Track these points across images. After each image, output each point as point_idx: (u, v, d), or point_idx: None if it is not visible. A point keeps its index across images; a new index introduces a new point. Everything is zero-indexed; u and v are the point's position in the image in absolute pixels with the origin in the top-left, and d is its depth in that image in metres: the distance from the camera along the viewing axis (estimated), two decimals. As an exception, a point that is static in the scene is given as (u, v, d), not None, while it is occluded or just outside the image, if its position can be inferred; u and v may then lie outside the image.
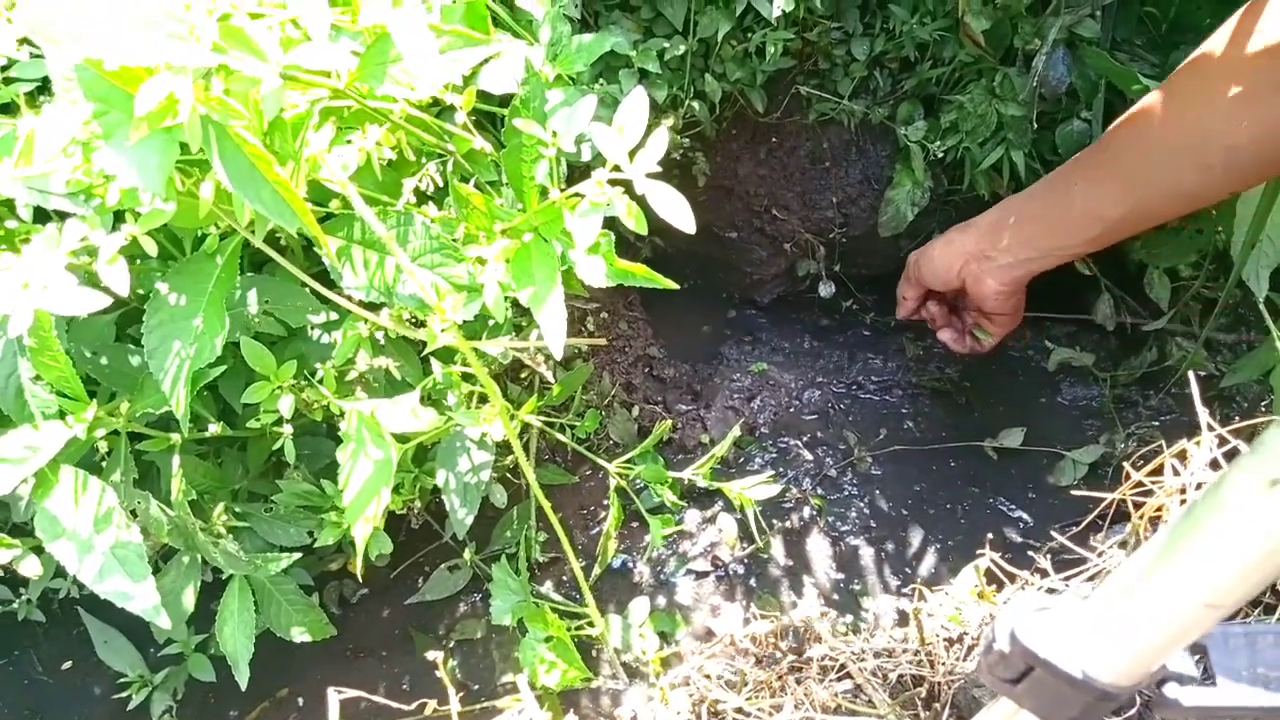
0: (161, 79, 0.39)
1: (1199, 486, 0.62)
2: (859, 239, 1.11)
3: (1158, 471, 0.65)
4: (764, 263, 1.16)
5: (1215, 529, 0.26)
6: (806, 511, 0.97)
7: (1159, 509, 0.64)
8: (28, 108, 0.56)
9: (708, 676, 0.66)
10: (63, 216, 0.54)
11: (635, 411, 1.04)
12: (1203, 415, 0.61)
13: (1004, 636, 0.33)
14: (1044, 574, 0.66)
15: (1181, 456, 0.63)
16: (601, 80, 0.86)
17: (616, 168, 0.50)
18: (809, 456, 1.03)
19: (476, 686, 0.87)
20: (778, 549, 0.94)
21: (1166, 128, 0.71)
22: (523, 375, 0.94)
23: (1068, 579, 0.64)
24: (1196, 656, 0.32)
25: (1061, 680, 0.31)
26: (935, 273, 0.92)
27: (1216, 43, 0.67)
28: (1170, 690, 0.31)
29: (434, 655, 0.66)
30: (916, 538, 0.94)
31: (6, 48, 0.40)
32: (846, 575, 0.92)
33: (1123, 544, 0.68)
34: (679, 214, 0.50)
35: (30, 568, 0.63)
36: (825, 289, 1.16)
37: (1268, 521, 0.25)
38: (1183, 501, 0.62)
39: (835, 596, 0.89)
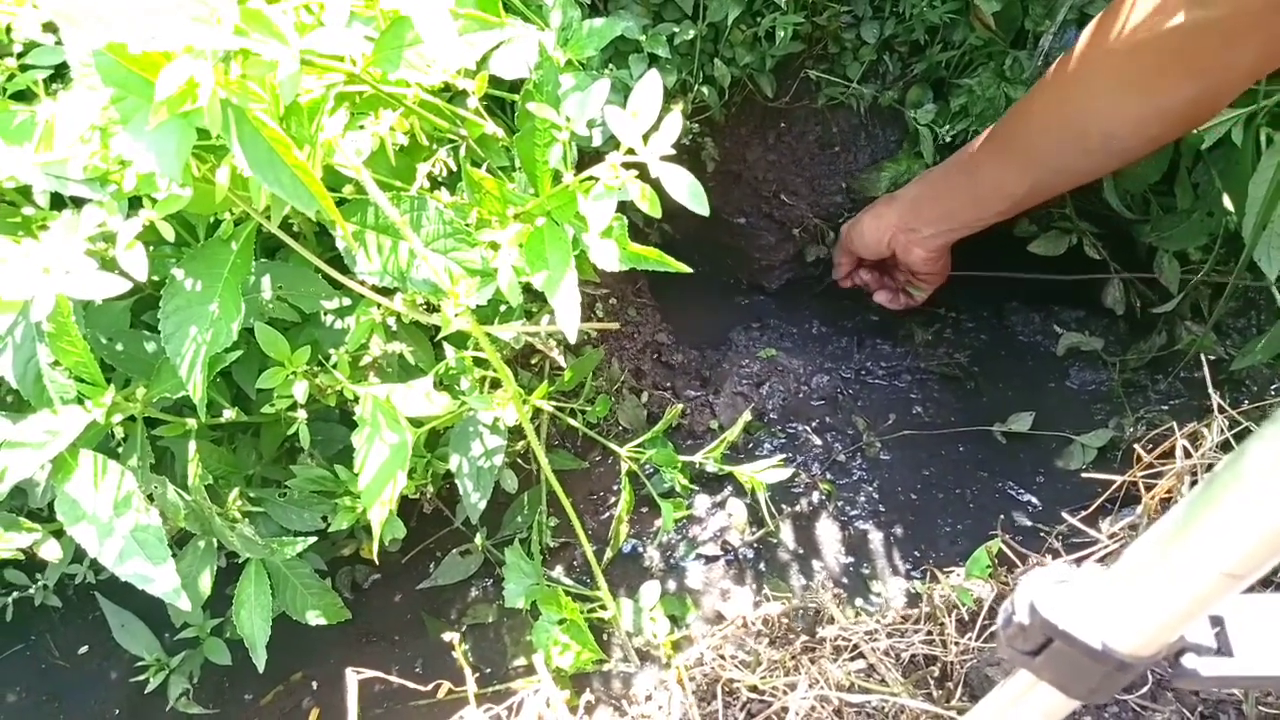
0: (182, 63, 0.39)
1: (1210, 468, 0.62)
2: (867, 224, 1.11)
3: (1169, 454, 0.66)
4: (772, 248, 1.16)
5: (1235, 497, 0.26)
6: (815, 496, 0.97)
7: (1170, 489, 0.64)
8: (44, 95, 0.56)
9: (722, 656, 0.67)
10: (78, 203, 0.55)
11: (644, 397, 1.05)
12: (1214, 397, 0.61)
13: (1023, 608, 0.33)
14: (1055, 555, 0.67)
15: (1193, 438, 0.63)
16: (611, 65, 0.86)
17: (630, 151, 0.50)
18: (818, 442, 1.03)
19: (489, 670, 0.88)
20: (787, 534, 0.94)
21: (1051, 116, 0.78)
22: (533, 361, 0.95)
23: (1078, 560, 0.64)
24: (1215, 628, 0.32)
25: (1081, 651, 0.32)
26: (866, 244, 1.00)
27: (1093, 35, 0.73)
28: (1189, 661, 0.32)
29: (450, 637, 0.66)
30: (925, 522, 0.95)
31: (31, 31, 0.41)
32: (856, 559, 0.92)
33: (1133, 526, 0.69)
34: (693, 197, 0.50)
35: (50, 551, 0.63)
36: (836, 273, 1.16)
37: (1287, 490, 0.25)
38: (1194, 483, 0.63)
39: (845, 580, 0.90)
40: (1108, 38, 0.71)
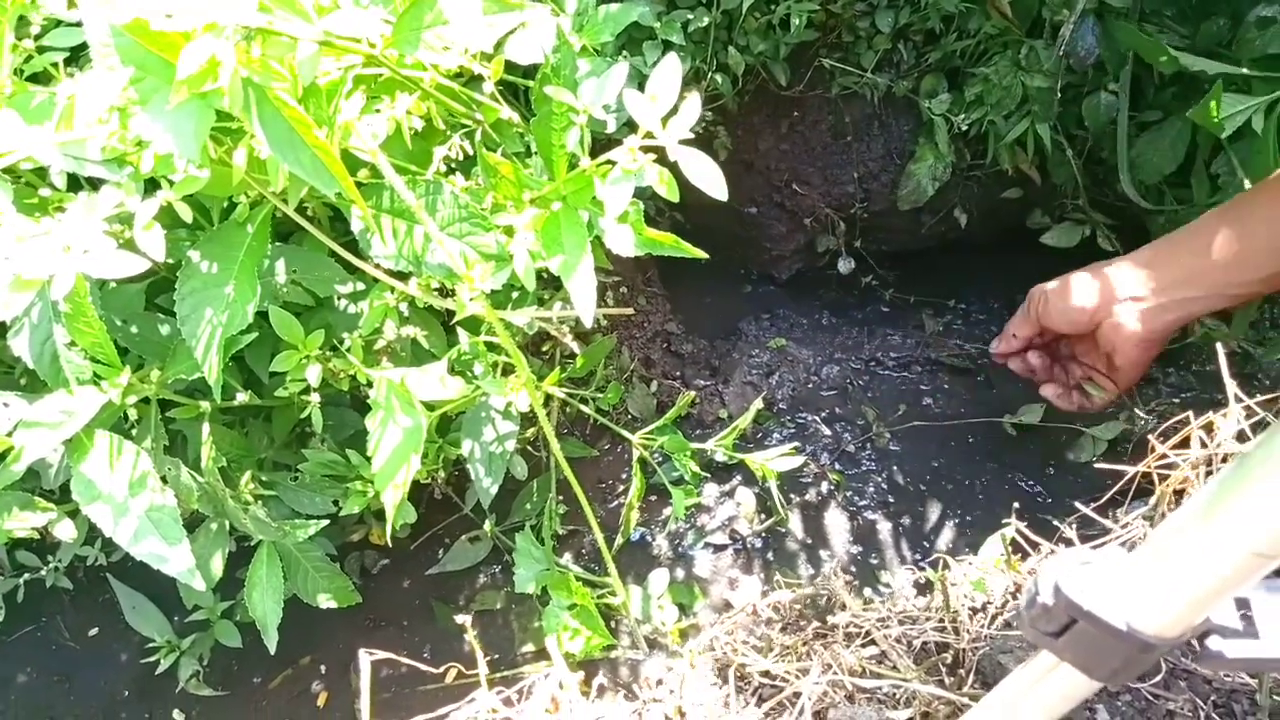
0: (203, 41, 0.39)
1: (1225, 458, 0.62)
2: (880, 214, 1.11)
3: (1183, 444, 0.65)
4: (783, 238, 1.16)
5: (1267, 477, 0.26)
6: (824, 486, 0.97)
7: (1184, 480, 0.64)
8: (62, 76, 0.56)
9: (733, 641, 0.67)
10: (94, 185, 0.55)
11: (654, 386, 1.05)
12: (1230, 386, 0.61)
13: (1047, 589, 0.33)
14: (1069, 544, 0.67)
15: (1208, 428, 0.63)
16: (625, 52, 0.86)
17: (649, 135, 0.50)
18: (827, 432, 1.03)
19: (496, 655, 0.88)
20: (796, 523, 0.94)
21: None
22: (544, 349, 0.95)
23: (1094, 549, 0.64)
24: (1241, 610, 0.32)
25: (1105, 632, 0.32)
26: (1067, 311, 0.82)
27: None
28: (1214, 643, 0.32)
29: (463, 619, 0.67)
30: (934, 512, 0.95)
31: (56, 7, 0.41)
32: (864, 549, 0.92)
33: (1146, 518, 0.69)
34: (711, 181, 0.50)
35: (65, 531, 0.63)
36: (845, 265, 1.16)
37: (1319, 470, 0.25)
38: (1209, 474, 0.62)
39: (853, 569, 0.90)
40: None
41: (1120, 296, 0.78)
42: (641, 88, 0.50)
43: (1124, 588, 0.32)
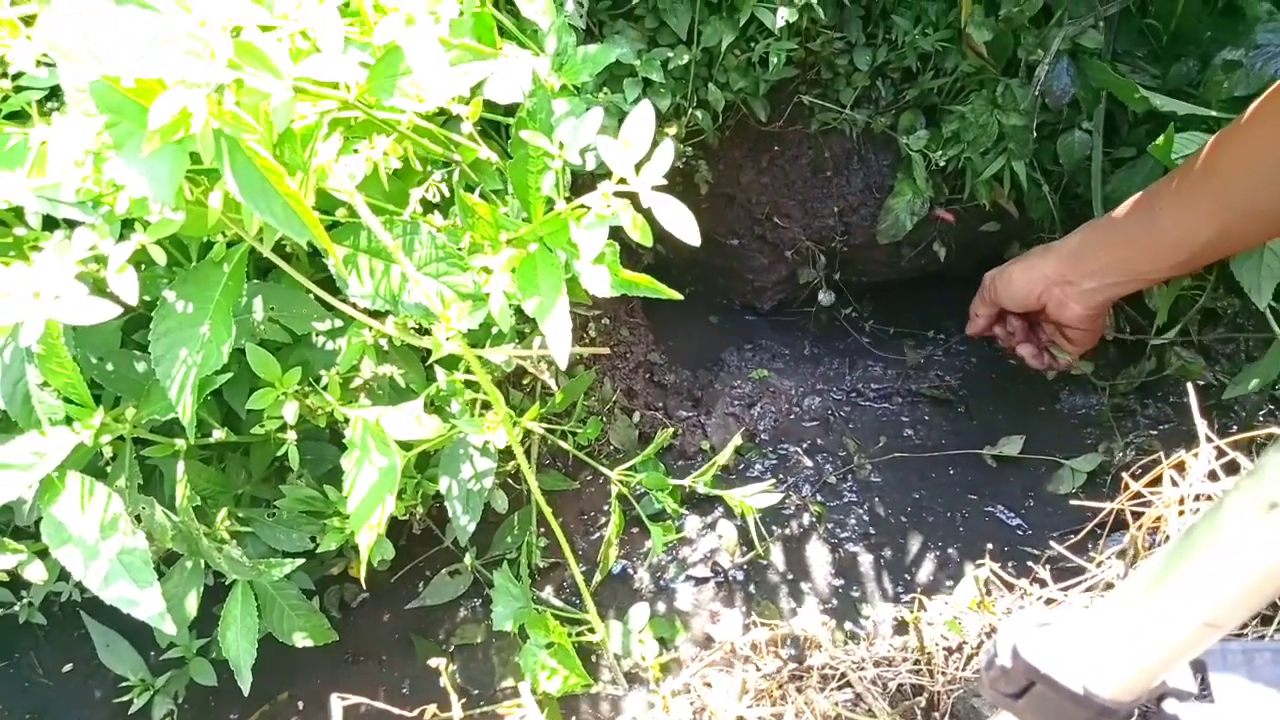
0: (175, 93, 0.39)
1: (1197, 497, 0.63)
2: (860, 247, 1.12)
3: (1156, 482, 0.66)
4: (765, 270, 1.17)
5: (1214, 550, 0.27)
6: (806, 518, 0.97)
7: (1157, 519, 0.65)
8: (39, 117, 0.56)
9: (708, 684, 0.66)
10: (70, 225, 0.55)
11: (636, 418, 1.05)
12: (1201, 426, 0.61)
13: (1006, 651, 0.33)
14: (1043, 584, 0.67)
15: (1180, 467, 0.64)
16: (605, 89, 0.87)
17: (622, 180, 0.50)
18: (809, 463, 1.03)
19: (476, 691, 0.87)
20: (777, 556, 0.94)
21: (1259, 148, 0.70)
22: (525, 382, 0.95)
23: (1066, 589, 0.65)
24: (1196, 673, 0.33)
25: (1063, 696, 0.32)
26: (1013, 295, 0.92)
27: None
28: (1169, 706, 0.32)
29: (436, 662, 0.66)
30: (915, 545, 0.95)
31: (25, 64, 0.41)
32: (846, 582, 0.92)
33: (1121, 553, 0.69)
34: (684, 227, 0.50)
35: (35, 573, 0.63)
36: (825, 297, 1.16)
37: (1265, 544, 0.25)
38: (1181, 513, 0.63)
39: (834, 603, 0.90)
40: None
41: (1055, 281, 0.88)
42: (621, 125, 0.51)
43: (1081, 651, 0.32)
